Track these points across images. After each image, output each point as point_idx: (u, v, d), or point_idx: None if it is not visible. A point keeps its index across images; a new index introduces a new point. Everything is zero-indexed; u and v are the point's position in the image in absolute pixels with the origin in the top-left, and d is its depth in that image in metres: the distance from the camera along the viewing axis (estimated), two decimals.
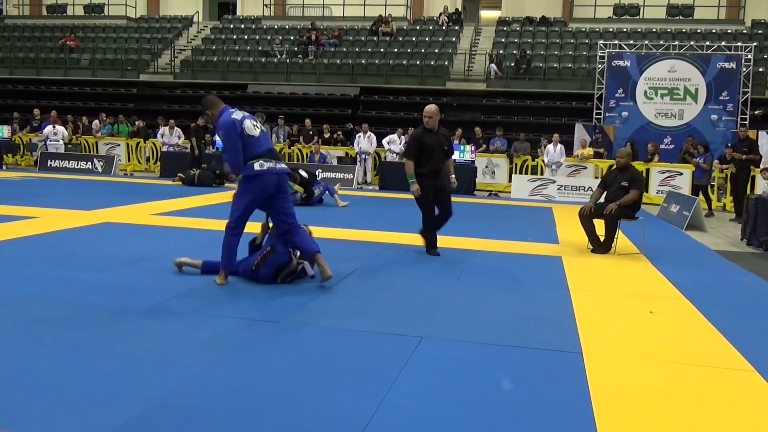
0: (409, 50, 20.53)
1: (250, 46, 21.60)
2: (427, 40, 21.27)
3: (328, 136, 17.23)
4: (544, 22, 21.98)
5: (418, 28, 22.34)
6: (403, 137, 15.90)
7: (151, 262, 5.83)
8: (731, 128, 16.03)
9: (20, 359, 3.44)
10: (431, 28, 22.10)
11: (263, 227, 5.60)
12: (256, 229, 5.66)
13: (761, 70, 17.66)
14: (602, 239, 7.46)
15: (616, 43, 17.63)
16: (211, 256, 5.60)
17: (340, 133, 17.36)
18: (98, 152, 17.58)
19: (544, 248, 7.63)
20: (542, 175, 15.11)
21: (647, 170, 14.36)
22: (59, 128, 16.95)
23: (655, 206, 12.65)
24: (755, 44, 17.63)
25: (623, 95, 16.84)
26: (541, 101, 18.97)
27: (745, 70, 16.41)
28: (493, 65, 19.32)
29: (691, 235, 9.52)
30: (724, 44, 17.68)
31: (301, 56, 20.67)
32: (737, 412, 3.19)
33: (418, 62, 19.80)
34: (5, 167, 16.54)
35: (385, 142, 15.94)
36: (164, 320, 4.24)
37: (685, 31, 19.90)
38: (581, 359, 3.79)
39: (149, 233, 7.61)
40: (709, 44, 17.46)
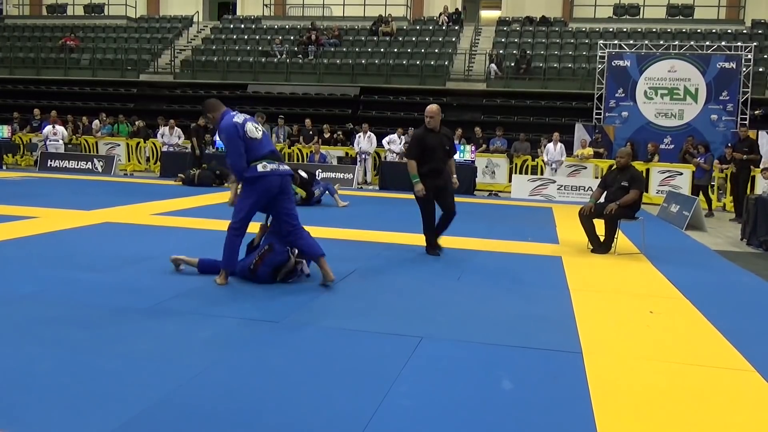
0: (409, 50, 20.53)
1: (250, 46, 21.60)
2: (427, 40, 21.27)
3: (328, 136, 17.23)
4: (544, 22, 21.98)
5: (418, 28, 22.33)
6: (403, 137, 15.90)
7: (151, 262, 5.83)
8: (731, 128, 16.04)
9: (20, 359, 3.44)
10: (431, 28, 22.09)
11: (261, 228, 5.59)
12: (255, 229, 5.65)
13: (761, 70, 17.66)
14: (602, 239, 7.46)
15: (616, 43, 17.63)
16: (211, 256, 5.59)
17: (340, 133, 17.36)
18: (98, 152, 17.58)
19: (544, 248, 7.63)
20: (542, 175, 15.12)
21: (647, 170, 14.36)
22: (59, 128, 16.94)
23: (655, 206, 12.66)
24: (755, 44, 17.64)
25: (623, 95, 16.84)
26: (541, 101, 18.97)
27: (745, 70, 16.42)
28: (493, 65, 19.32)
29: (691, 235, 9.53)
30: (724, 44, 17.69)
31: (301, 56, 20.67)
32: (737, 412, 3.19)
33: (418, 62, 19.80)
34: (5, 167, 16.54)
35: (385, 142, 15.94)
36: (164, 320, 4.24)
37: (685, 31, 19.90)
38: (581, 359, 3.79)
39: (149, 233, 7.61)
40: (709, 44, 17.47)
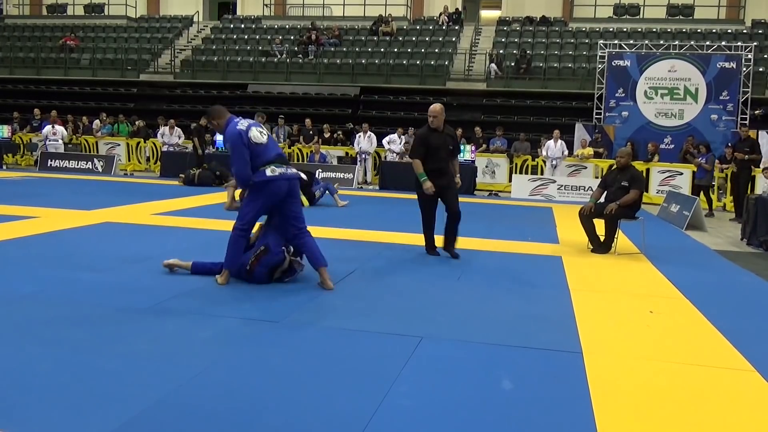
0: (409, 50, 20.53)
1: (250, 46, 21.59)
2: (427, 39, 21.26)
3: (328, 135, 17.23)
4: (544, 21, 21.98)
5: (418, 27, 22.33)
6: (403, 137, 15.91)
7: (151, 262, 5.83)
8: (731, 128, 16.04)
9: (20, 359, 3.44)
10: (431, 27, 22.09)
11: (261, 228, 5.59)
12: (255, 228, 5.65)
13: (761, 69, 17.65)
14: (602, 239, 7.46)
15: (616, 42, 17.63)
16: (211, 256, 5.61)
17: (340, 132, 17.36)
18: (98, 152, 17.58)
19: (544, 248, 7.63)
20: (542, 174, 15.13)
21: (647, 170, 14.36)
22: (58, 128, 16.93)
23: (655, 206, 12.66)
24: (755, 44, 17.63)
25: (623, 95, 16.84)
26: (541, 101, 18.97)
27: (745, 69, 16.42)
28: (493, 65, 19.32)
29: (691, 235, 9.53)
30: (724, 44, 17.68)
31: (301, 56, 20.67)
32: (737, 412, 3.19)
33: (418, 62, 19.79)
34: (5, 167, 16.54)
35: (385, 141, 15.94)
36: (164, 320, 4.24)
37: (685, 30, 19.89)
38: (581, 359, 3.79)
39: (149, 233, 7.61)
40: (709, 44, 17.46)
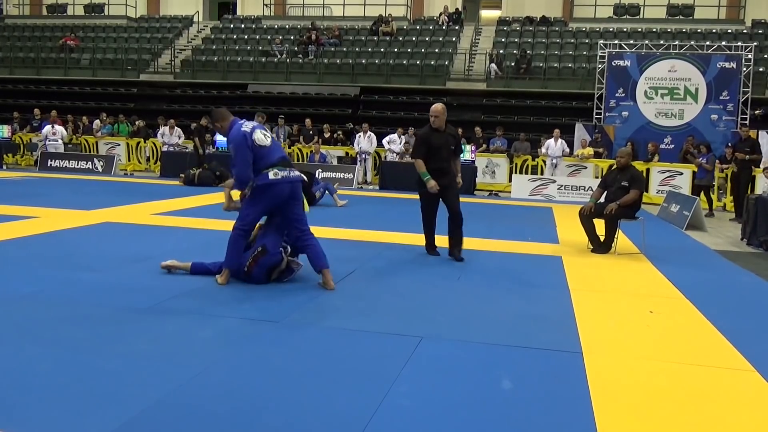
0: (409, 50, 20.53)
1: (250, 46, 21.59)
2: (427, 39, 21.26)
3: (328, 135, 17.23)
4: (544, 21, 21.97)
5: (418, 27, 22.33)
6: (403, 137, 15.91)
7: (151, 262, 5.82)
8: (731, 128, 16.04)
9: (20, 359, 3.44)
10: (431, 27, 22.09)
11: (259, 228, 5.60)
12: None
13: (761, 69, 17.65)
14: (602, 239, 7.46)
15: (616, 42, 17.63)
16: (211, 256, 5.61)
17: (340, 132, 17.36)
18: (98, 152, 17.59)
19: (544, 248, 7.63)
20: (542, 173, 15.13)
21: (647, 170, 14.36)
22: (58, 128, 16.93)
23: (655, 206, 12.66)
24: (755, 44, 17.63)
25: (623, 95, 16.84)
26: (541, 101, 18.97)
27: (745, 69, 16.41)
28: (493, 65, 19.32)
29: (691, 234, 9.53)
30: (724, 44, 17.68)
31: (301, 56, 20.67)
32: (737, 412, 3.19)
33: (418, 62, 19.79)
34: (5, 167, 16.54)
35: (385, 141, 15.94)
36: (164, 320, 4.24)
37: (685, 30, 19.89)
38: (581, 359, 3.79)
39: (149, 233, 7.61)
40: (709, 44, 17.46)
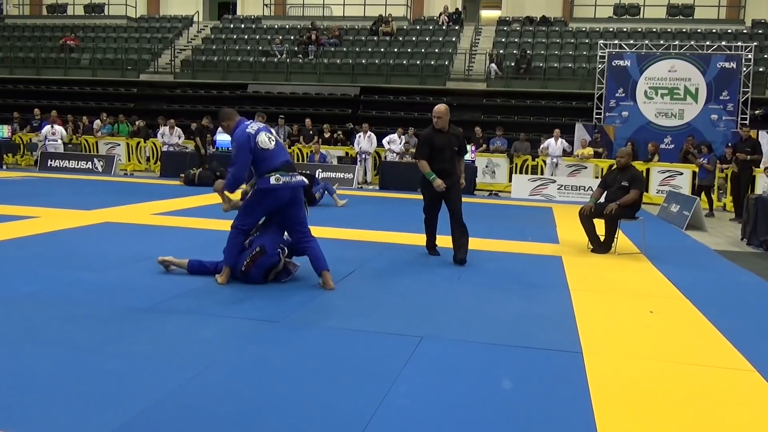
0: (409, 50, 20.52)
1: (250, 46, 21.59)
2: (427, 39, 21.26)
3: (328, 135, 17.23)
4: (544, 21, 21.97)
5: (418, 27, 22.32)
6: (403, 137, 15.91)
7: (151, 262, 5.81)
8: (731, 128, 16.04)
9: (20, 359, 3.44)
10: (431, 27, 22.08)
11: (258, 228, 5.59)
12: None
13: (761, 69, 17.65)
14: (602, 239, 7.46)
15: (616, 42, 17.63)
16: (211, 256, 5.60)
17: (340, 132, 17.36)
18: (98, 152, 17.59)
19: (544, 248, 7.63)
20: (542, 173, 15.13)
21: (647, 170, 14.36)
22: (58, 128, 16.93)
23: (655, 206, 12.65)
24: (755, 44, 17.62)
25: (623, 95, 16.84)
26: (541, 101, 18.96)
27: (745, 69, 16.41)
28: (493, 65, 19.31)
29: (691, 234, 9.53)
30: (724, 44, 17.67)
31: (301, 56, 20.66)
32: (737, 412, 3.19)
33: (418, 62, 19.79)
34: (5, 167, 16.54)
35: (385, 141, 15.94)
36: (164, 320, 4.24)
37: (685, 30, 19.89)
38: (581, 359, 3.79)
39: (149, 233, 7.61)
40: (709, 44, 17.46)
